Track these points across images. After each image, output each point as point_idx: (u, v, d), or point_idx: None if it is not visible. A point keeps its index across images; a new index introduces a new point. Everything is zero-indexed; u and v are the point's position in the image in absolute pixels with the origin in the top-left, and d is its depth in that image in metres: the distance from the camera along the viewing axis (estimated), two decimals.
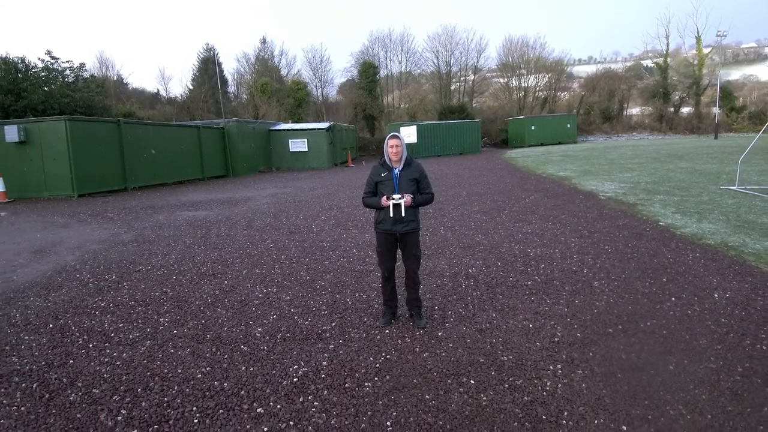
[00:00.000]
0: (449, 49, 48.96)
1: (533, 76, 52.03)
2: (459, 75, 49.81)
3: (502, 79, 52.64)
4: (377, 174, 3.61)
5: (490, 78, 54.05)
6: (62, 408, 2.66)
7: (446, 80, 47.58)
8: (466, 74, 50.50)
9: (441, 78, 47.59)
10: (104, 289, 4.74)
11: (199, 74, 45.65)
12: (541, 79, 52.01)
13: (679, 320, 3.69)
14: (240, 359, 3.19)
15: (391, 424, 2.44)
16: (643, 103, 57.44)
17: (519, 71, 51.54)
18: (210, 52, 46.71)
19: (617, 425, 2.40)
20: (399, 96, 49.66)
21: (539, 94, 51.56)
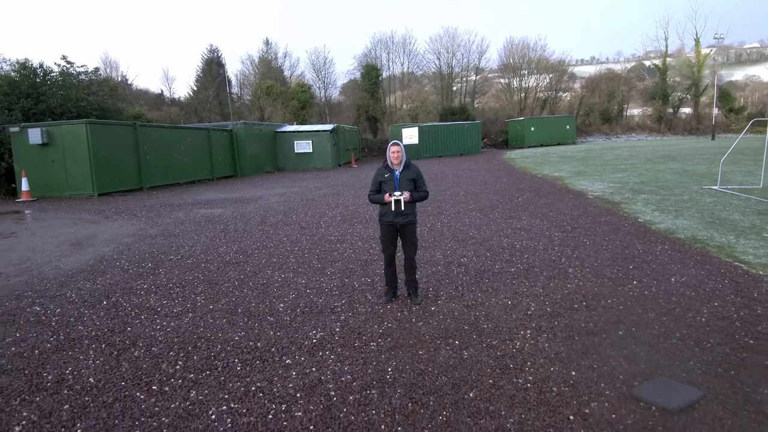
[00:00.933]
0: (451, 51, 49.55)
1: (534, 76, 52.56)
2: (461, 75, 50.38)
3: (503, 80, 53.20)
4: (381, 174, 4.28)
5: (492, 78, 54.62)
6: (130, 360, 3.35)
7: (447, 81, 48.19)
8: (468, 75, 51.09)
9: (443, 79, 48.19)
10: (143, 274, 5.44)
11: (203, 75, 46.37)
12: (543, 80, 52.52)
13: (636, 299, 4.35)
14: (268, 326, 3.88)
15: (391, 371, 3.12)
16: (643, 104, 57.85)
17: (520, 72, 52.06)
18: (214, 54, 47.43)
19: (568, 371, 3.07)
20: (401, 97, 50.34)
21: (540, 95, 52.05)
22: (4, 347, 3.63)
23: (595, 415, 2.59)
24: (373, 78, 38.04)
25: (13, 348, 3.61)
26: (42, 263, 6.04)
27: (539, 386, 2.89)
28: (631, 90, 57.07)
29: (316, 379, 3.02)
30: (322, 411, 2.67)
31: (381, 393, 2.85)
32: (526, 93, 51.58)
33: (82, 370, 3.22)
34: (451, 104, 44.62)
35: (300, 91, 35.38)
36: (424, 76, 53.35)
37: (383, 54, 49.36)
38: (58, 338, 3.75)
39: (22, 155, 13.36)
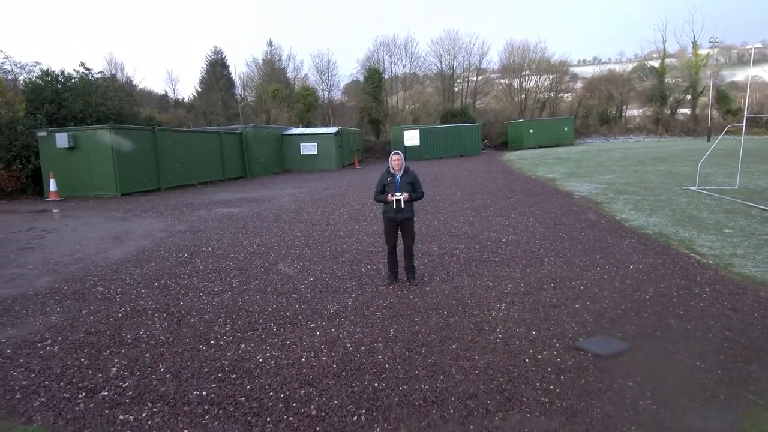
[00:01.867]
0: (452, 53, 50.37)
1: (535, 77, 53.28)
2: (463, 76, 51.12)
3: (504, 80, 53.93)
4: (384, 178, 5.16)
5: (493, 79, 55.40)
6: (188, 324, 4.25)
7: (449, 83, 48.95)
8: (469, 76, 51.81)
9: (444, 80, 48.96)
10: (183, 262, 6.35)
11: (207, 77, 47.23)
12: (543, 82, 53.22)
13: (596, 281, 5.22)
14: (293, 301, 4.77)
15: (392, 331, 4.01)
16: (641, 106, 58.55)
17: (521, 73, 52.79)
18: (218, 56, 48.33)
19: (530, 331, 3.94)
20: (403, 97, 51.21)
21: (540, 96, 52.74)
22: (84, 316, 4.53)
23: (545, 359, 3.47)
24: (376, 81, 38.94)
25: (91, 317, 4.51)
26: (91, 254, 6.96)
27: (506, 341, 3.77)
28: (630, 92, 57.75)
29: (335, 337, 3.91)
30: (341, 356, 3.56)
31: (385, 345, 3.74)
32: (527, 94, 52.36)
33: (153, 331, 4.13)
34: (452, 106, 45.45)
35: (305, 94, 36.31)
36: (426, 77, 54.18)
37: (385, 57, 50.20)
38: (126, 310, 4.66)
39: (49, 158, 14.32)
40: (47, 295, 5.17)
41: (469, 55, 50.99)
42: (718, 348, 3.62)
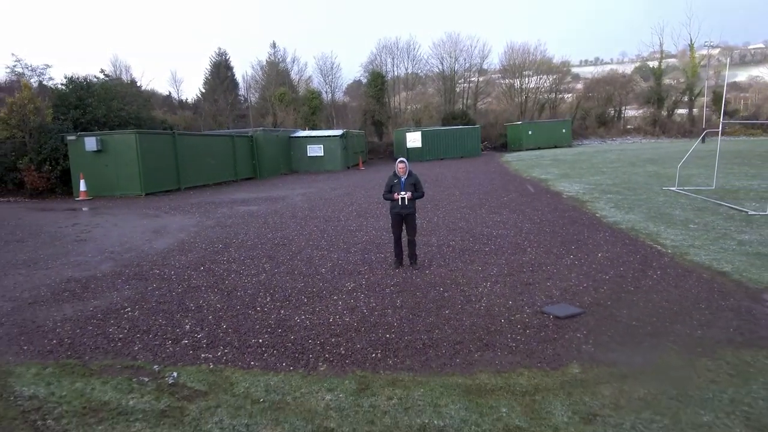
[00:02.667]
0: (453, 56, 51.35)
1: (535, 78, 54.16)
2: (465, 76, 52.05)
3: (506, 80, 54.79)
4: (391, 180, 6.19)
5: (495, 80, 56.33)
6: (237, 297, 5.30)
7: (450, 84, 49.86)
8: (470, 76, 52.71)
9: (445, 80, 49.82)
10: (219, 251, 7.41)
11: (211, 78, 48.16)
12: (543, 83, 54.01)
13: (567, 266, 6.24)
14: (318, 281, 5.82)
15: (399, 302, 5.04)
16: (639, 107, 59.36)
17: (524, 72, 53.65)
18: (222, 57, 49.38)
19: (507, 302, 4.97)
20: (405, 98, 52.26)
21: (541, 97, 53.54)
22: (150, 292, 5.59)
23: (516, 320, 4.50)
24: (379, 85, 39.99)
25: (157, 292, 5.57)
26: (139, 245, 8.03)
27: (488, 308, 4.81)
28: (628, 93, 58.56)
29: (354, 305, 4.96)
30: (360, 318, 4.60)
31: (393, 311, 4.78)
32: (527, 95, 53.26)
33: (209, 301, 5.18)
34: (453, 108, 46.42)
35: (311, 97, 37.39)
36: (428, 77, 55.19)
37: (388, 59, 51.23)
38: (183, 287, 5.72)
39: (78, 160, 15.42)
40: (113, 276, 6.24)
41: (470, 57, 51.95)
42: (653, 313, 4.64)
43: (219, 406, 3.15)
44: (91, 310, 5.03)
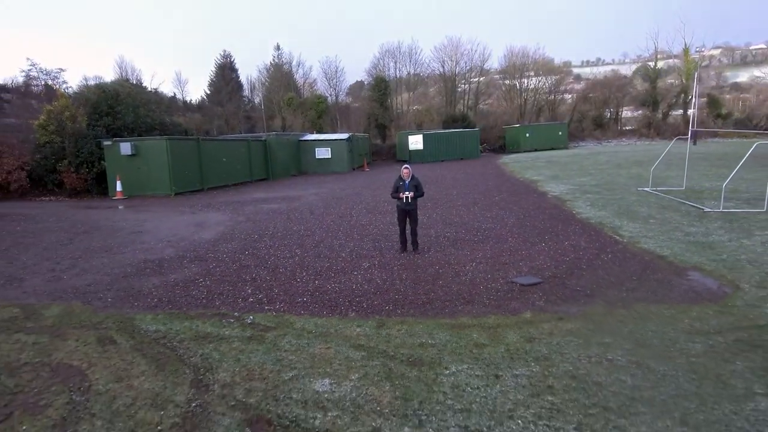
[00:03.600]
0: (454, 59, 52.87)
1: (535, 80, 55.50)
2: (467, 76, 53.50)
3: (506, 81, 56.15)
4: (397, 182, 7.74)
5: (496, 80, 57.77)
6: (280, 272, 6.87)
7: (451, 86, 51.21)
8: (471, 77, 54.14)
9: (446, 82, 51.20)
10: (256, 240, 8.98)
11: (216, 80, 49.52)
12: (542, 83, 55.27)
13: (538, 252, 7.78)
14: (341, 262, 7.38)
15: (404, 276, 6.60)
16: (636, 108, 60.66)
17: (522, 75, 55.02)
18: (227, 59, 50.88)
19: (487, 275, 6.52)
20: (408, 98, 53.83)
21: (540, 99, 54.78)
22: (212, 269, 7.16)
23: (492, 287, 6.04)
24: (383, 89, 41.53)
25: (217, 269, 7.14)
26: (188, 236, 9.61)
27: (471, 280, 6.35)
28: (625, 96, 59.88)
29: (369, 278, 6.52)
30: (375, 285, 6.16)
31: (400, 281, 6.34)
32: (526, 98, 54.66)
33: (260, 275, 6.75)
34: (454, 110, 47.90)
35: (317, 102, 38.97)
36: (430, 78, 56.73)
37: (390, 63, 52.80)
38: (236, 265, 7.29)
39: (114, 163, 17.04)
40: (178, 258, 7.82)
41: (471, 60, 53.47)
42: (594, 282, 6.17)
43: (286, 334, 4.72)
44: (172, 281, 6.60)
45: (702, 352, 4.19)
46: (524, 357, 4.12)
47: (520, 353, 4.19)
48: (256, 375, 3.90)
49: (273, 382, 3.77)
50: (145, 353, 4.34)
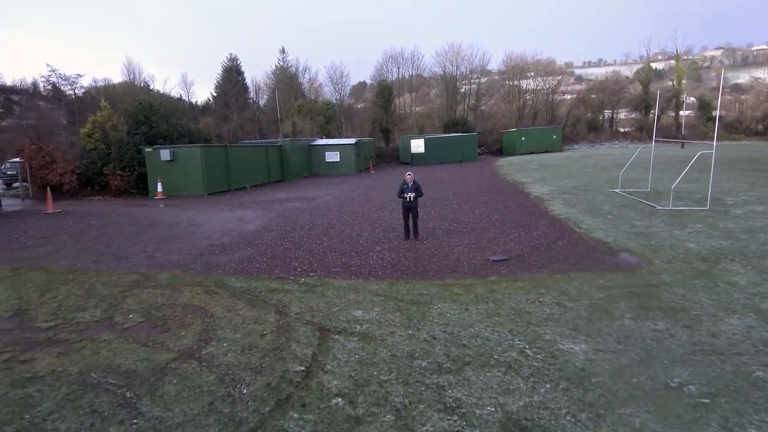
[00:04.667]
0: (455, 65, 55.05)
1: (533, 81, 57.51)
2: (469, 77, 55.65)
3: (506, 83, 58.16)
4: (402, 185, 9.99)
5: (498, 80, 59.92)
6: (315, 253, 9.14)
7: (452, 87, 53.22)
8: (472, 77, 56.29)
9: (447, 84, 53.25)
10: (290, 231, 11.25)
11: (222, 82, 51.57)
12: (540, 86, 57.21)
13: (511, 239, 10.01)
14: (359, 246, 9.65)
15: (408, 255, 8.86)
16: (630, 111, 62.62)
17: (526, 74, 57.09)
18: (233, 62, 53.11)
19: (470, 255, 8.77)
20: (410, 99, 56.12)
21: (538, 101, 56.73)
22: (263, 251, 9.43)
23: (472, 262, 8.29)
24: (386, 95, 43.79)
25: (267, 251, 9.42)
26: (235, 228, 11.89)
27: (457, 258, 8.60)
28: (620, 100, 61.87)
29: (382, 257, 8.78)
30: (387, 262, 8.43)
31: (405, 259, 8.60)
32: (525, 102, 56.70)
33: (301, 254, 9.02)
34: (455, 114, 50.09)
35: (325, 108, 41.28)
36: (433, 79, 58.95)
37: (394, 68, 55.11)
38: (281, 248, 9.56)
39: (154, 167, 19.37)
40: (235, 243, 10.10)
41: (471, 65, 55.63)
42: (547, 259, 8.40)
43: (329, 288, 6.98)
44: (237, 258, 8.88)
45: (602, 298, 6.42)
46: (485, 299, 6.37)
47: (483, 298, 6.44)
48: (315, 309, 6.16)
49: (326, 312, 6.04)
50: (240, 298, 6.61)
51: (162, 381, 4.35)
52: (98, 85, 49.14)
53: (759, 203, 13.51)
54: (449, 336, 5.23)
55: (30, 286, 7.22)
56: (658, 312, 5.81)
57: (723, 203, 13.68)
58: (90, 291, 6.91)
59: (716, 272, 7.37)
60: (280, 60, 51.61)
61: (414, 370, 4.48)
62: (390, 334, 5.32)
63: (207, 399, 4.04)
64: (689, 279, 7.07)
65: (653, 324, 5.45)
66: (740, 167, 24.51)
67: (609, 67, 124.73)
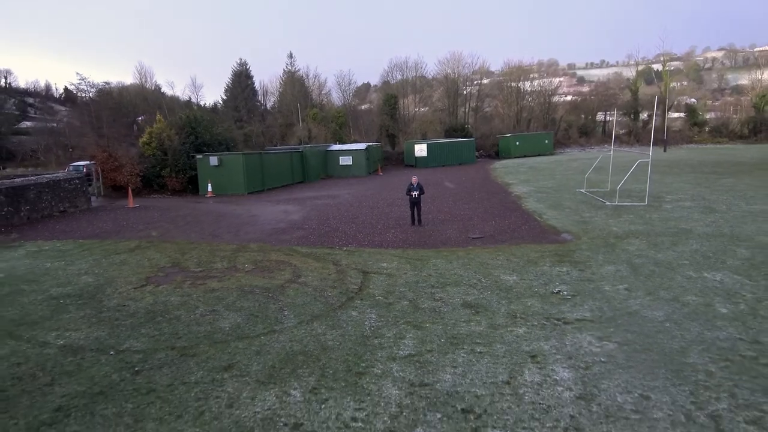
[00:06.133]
0: (456, 71, 58.64)
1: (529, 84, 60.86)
2: (472, 77, 59.21)
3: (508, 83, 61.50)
4: (409, 185, 13.68)
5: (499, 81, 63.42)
6: (348, 234, 12.85)
7: (453, 94, 56.80)
8: (474, 81, 59.88)
9: (449, 83, 56.75)
10: (326, 220, 14.97)
11: (232, 86, 55.03)
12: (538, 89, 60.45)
13: (488, 225, 13.67)
14: (377, 229, 13.36)
15: (414, 235, 12.56)
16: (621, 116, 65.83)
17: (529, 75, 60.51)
18: (243, 67, 56.79)
19: (457, 234, 12.45)
20: (414, 100, 59.82)
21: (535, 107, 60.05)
22: (311, 232, 13.15)
23: (458, 239, 11.98)
24: (392, 104, 47.49)
25: (314, 233, 13.13)
26: (285, 218, 15.61)
27: (447, 237, 12.29)
28: (612, 106, 65.10)
29: (395, 236, 12.48)
30: (399, 239, 12.13)
31: (411, 237, 12.30)
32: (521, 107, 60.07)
33: (338, 235, 12.73)
34: (456, 121, 53.69)
35: (338, 116, 45.06)
36: (435, 80, 62.56)
37: (398, 75, 58.83)
38: (323, 231, 13.28)
39: (204, 170, 23.17)
40: (290, 228, 13.81)
41: (473, 68, 59.18)
42: (510, 237, 12.05)
43: (362, 253, 10.68)
44: (295, 237, 12.60)
45: (535, 256, 10.05)
46: (463, 258, 10.04)
47: (461, 257, 10.11)
48: (357, 262, 9.86)
49: (364, 264, 9.73)
50: (309, 257, 10.33)
51: (284, 290, 8.06)
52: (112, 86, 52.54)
53: (689, 200, 17.05)
54: (438, 274, 8.91)
55: (170, 251, 10.97)
56: (567, 263, 9.45)
57: (661, 200, 17.23)
58: (212, 253, 10.65)
59: (619, 244, 10.98)
60: (288, 64, 55.06)
61: (418, 286, 8.16)
62: (403, 274, 9.01)
63: (311, 295, 7.75)
64: (598, 247, 10.69)
65: (560, 268, 9.10)
66: (701, 170, 27.97)
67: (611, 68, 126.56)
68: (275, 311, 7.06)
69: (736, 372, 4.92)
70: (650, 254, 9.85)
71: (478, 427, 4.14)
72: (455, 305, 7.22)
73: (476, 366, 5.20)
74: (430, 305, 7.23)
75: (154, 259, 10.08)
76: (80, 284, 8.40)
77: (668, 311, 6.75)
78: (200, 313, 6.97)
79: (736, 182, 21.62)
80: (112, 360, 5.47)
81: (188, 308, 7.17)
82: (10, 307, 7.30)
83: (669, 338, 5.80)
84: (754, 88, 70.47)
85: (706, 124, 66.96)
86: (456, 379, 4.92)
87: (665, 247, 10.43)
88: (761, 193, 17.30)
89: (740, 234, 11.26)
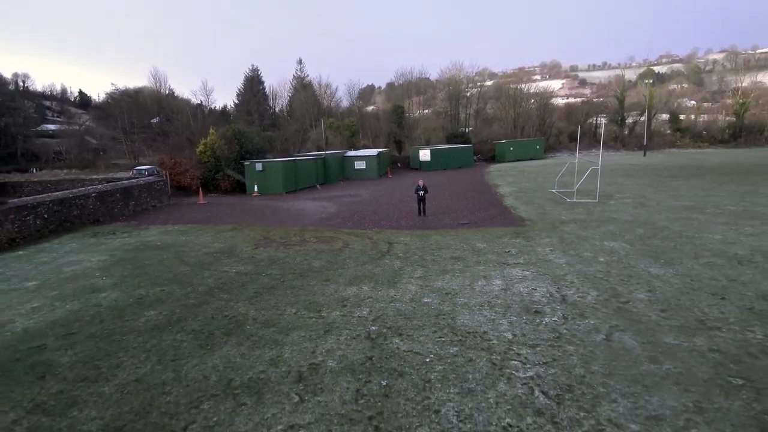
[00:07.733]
0: (458, 80, 63.35)
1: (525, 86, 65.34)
2: (475, 79, 63.96)
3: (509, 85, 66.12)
4: (416, 186, 18.57)
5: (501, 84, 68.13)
6: (374, 221, 17.78)
7: (455, 99, 61.55)
8: (478, 80, 64.64)
9: (451, 96, 61.51)
10: (354, 213, 19.89)
11: (244, 90, 59.71)
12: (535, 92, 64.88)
13: (474, 216, 18.53)
14: (393, 218, 18.27)
15: (419, 221, 17.47)
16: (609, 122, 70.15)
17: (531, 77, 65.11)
18: (255, 73, 61.75)
19: (451, 221, 17.35)
20: (418, 102, 64.64)
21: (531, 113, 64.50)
22: (346, 220, 18.07)
23: (451, 225, 16.87)
24: (399, 114, 52.40)
25: (349, 221, 18.07)
26: (323, 211, 20.53)
27: (444, 223, 17.18)
28: (601, 113, 69.58)
29: (406, 222, 17.38)
30: (409, 224, 17.04)
31: (419, 224, 17.20)
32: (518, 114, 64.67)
33: (366, 223, 17.66)
34: (457, 128, 58.47)
35: (351, 125, 50.06)
36: (439, 82, 67.35)
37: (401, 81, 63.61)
38: (355, 220, 18.19)
39: (251, 174, 28.19)
40: (331, 217, 18.72)
41: (475, 74, 63.82)
42: (488, 223, 16.92)
43: (386, 233, 15.59)
44: (336, 223, 17.51)
45: (501, 233, 14.91)
46: (453, 236, 14.92)
47: (452, 235, 14.99)
48: (383, 238, 14.76)
49: (388, 238, 14.63)
50: (350, 234, 15.26)
51: (341, 251, 12.96)
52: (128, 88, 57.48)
53: (632, 198, 21.76)
54: (437, 244, 13.78)
55: (257, 231, 15.91)
56: (521, 237, 14.29)
57: (610, 198, 21.97)
58: (286, 232, 15.58)
59: (560, 227, 15.78)
60: (298, 70, 59.91)
61: (424, 250, 13.04)
62: (414, 243, 13.88)
63: (359, 252, 12.67)
64: (545, 228, 15.50)
65: (515, 240, 13.93)
66: (662, 173, 32.50)
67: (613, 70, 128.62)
68: (341, 260, 11.98)
69: (591, 284, 9.78)
70: (577, 232, 14.66)
71: (453, 299, 9.02)
72: (446, 258, 12.09)
73: (454, 280, 10.08)
74: (431, 258, 12.12)
75: (251, 235, 15.05)
76: (217, 247, 13.36)
77: (568, 260, 11.58)
78: (299, 261, 11.90)
79: (683, 184, 26.19)
80: (266, 278, 10.40)
81: (291, 258, 12.12)
82: (186, 257, 12.27)
83: (560, 270, 10.64)
84: (735, 95, 74.15)
85: (688, 130, 71.13)
86: (443, 284, 9.80)
87: (591, 228, 15.23)
88: (694, 193, 21.98)
89: (648, 220, 16.02)
